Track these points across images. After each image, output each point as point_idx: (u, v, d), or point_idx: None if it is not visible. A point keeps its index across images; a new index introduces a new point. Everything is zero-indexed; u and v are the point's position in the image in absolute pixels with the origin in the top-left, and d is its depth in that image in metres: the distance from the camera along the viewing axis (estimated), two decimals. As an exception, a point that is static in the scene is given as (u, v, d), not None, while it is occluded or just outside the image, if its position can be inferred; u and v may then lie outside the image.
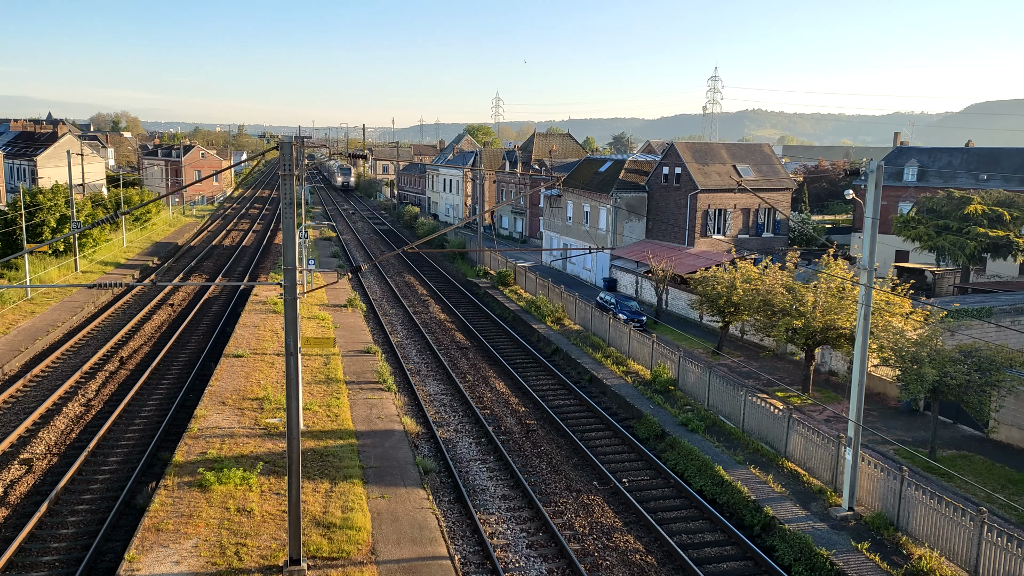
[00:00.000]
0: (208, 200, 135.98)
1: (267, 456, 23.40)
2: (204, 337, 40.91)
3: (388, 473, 22.77)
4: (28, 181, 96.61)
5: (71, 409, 29.26)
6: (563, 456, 26.10)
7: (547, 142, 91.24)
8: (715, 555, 19.90)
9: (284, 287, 16.42)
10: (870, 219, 20.36)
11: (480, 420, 28.70)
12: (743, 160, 59.77)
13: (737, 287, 35.59)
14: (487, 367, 36.43)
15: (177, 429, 27.32)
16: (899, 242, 59.93)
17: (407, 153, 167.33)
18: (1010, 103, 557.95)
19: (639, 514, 21.60)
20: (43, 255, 56.12)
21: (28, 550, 19.21)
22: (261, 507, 20.13)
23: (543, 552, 19.70)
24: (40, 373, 33.39)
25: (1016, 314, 40.21)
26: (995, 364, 25.49)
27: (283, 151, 15.88)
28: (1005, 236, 50.84)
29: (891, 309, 30.51)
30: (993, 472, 25.43)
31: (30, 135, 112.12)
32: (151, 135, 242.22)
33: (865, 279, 20.71)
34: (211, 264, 66.11)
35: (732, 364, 36.87)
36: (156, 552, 17.75)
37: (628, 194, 59.69)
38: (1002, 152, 67.29)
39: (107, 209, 74.13)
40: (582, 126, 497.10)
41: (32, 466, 24.16)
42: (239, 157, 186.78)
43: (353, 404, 28.68)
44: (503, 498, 22.77)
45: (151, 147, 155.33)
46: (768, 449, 25.35)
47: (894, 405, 31.99)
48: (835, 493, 22.15)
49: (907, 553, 19.07)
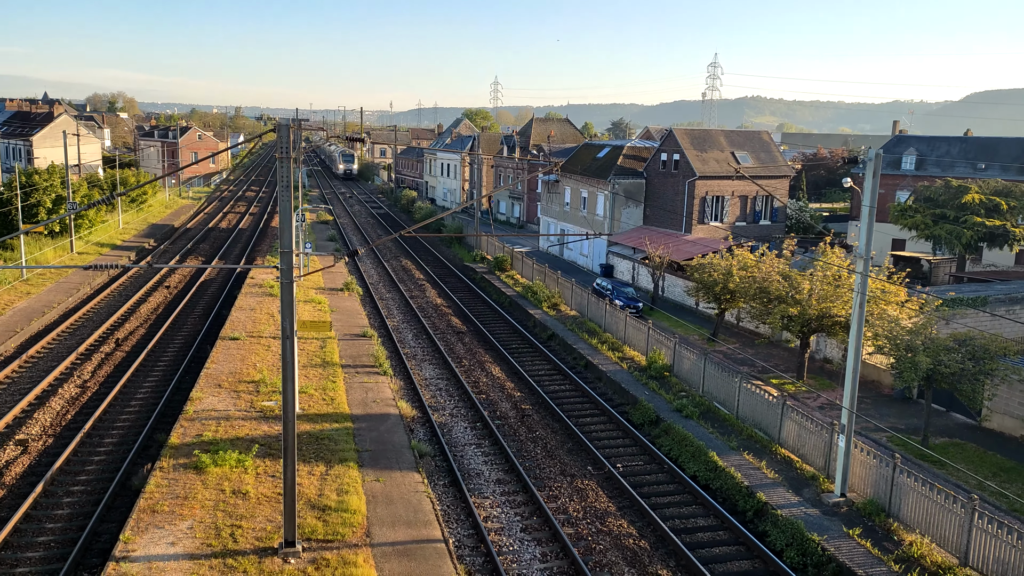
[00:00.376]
0: (205, 182, 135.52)
1: (263, 439, 23.45)
2: (200, 319, 40.88)
3: (383, 457, 22.85)
4: (24, 161, 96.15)
5: (67, 390, 29.27)
6: (558, 441, 26.20)
7: (545, 127, 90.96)
8: (708, 540, 20.04)
9: (280, 270, 16.40)
10: (867, 207, 20.37)
11: (476, 405, 28.78)
12: (741, 147, 59.66)
13: (733, 274, 35.64)
14: (483, 352, 36.48)
15: (173, 411, 27.36)
16: (896, 230, 59.98)
17: (405, 137, 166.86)
18: (1010, 92, 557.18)
19: (633, 499, 21.72)
20: (39, 236, 55.95)
21: (23, 531, 19.26)
22: (256, 489, 20.20)
23: (537, 536, 19.82)
24: (36, 354, 33.37)
25: (1011, 303, 40.33)
26: (989, 353, 25.61)
27: (280, 134, 15.81)
28: (1002, 225, 50.92)
29: (887, 297, 30.61)
30: (985, 460, 25.60)
31: (26, 115, 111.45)
32: (148, 116, 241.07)
33: (861, 267, 20.75)
34: (207, 246, 65.97)
35: (727, 351, 36.96)
36: (151, 533, 17.82)
37: (626, 180, 59.60)
38: (1000, 141, 67.25)
39: (103, 190, 73.82)
40: (581, 111, 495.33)
41: (28, 447, 24.20)
42: (236, 139, 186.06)
43: (349, 388, 28.73)
44: (498, 482, 22.88)
45: (148, 128, 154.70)
46: (762, 435, 25.47)
47: (888, 393, 32.13)
48: (828, 479, 22.28)
49: (898, 539, 19.22)
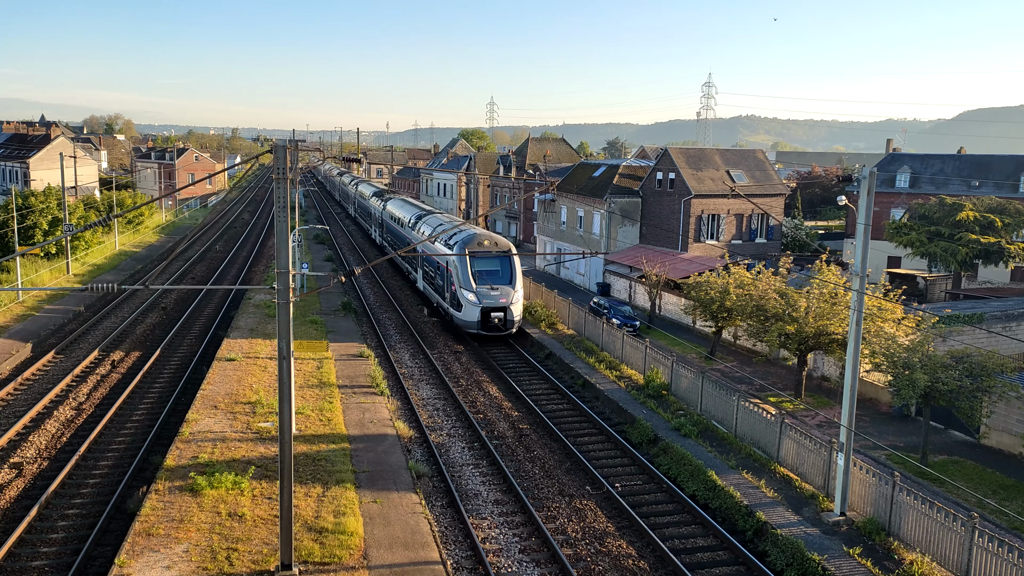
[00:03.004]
0: (202, 203, 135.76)
1: (259, 460, 23.31)
2: (196, 340, 40.77)
3: (381, 477, 22.72)
4: (20, 183, 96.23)
5: (62, 413, 29.11)
6: (556, 461, 26.08)
7: (541, 147, 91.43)
8: (707, 560, 19.91)
9: (277, 290, 16.39)
10: (862, 225, 20.44)
11: (473, 424, 28.66)
12: (737, 166, 59.97)
13: (730, 292, 35.68)
14: (480, 371, 36.38)
15: (169, 433, 27.20)
16: (891, 248, 60.18)
17: (401, 157, 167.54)
18: (1002, 110, 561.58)
19: (632, 519, 21.60)
20: (35, 258, 55.91)
21: (18, 555, 19.09)
22: (253, 512, 20.05)
23: (535, 557, 19.68)
24: (31, 376, 33.22)
25: (1007, 320, 40.43)
26: (986, 370, 25.62)
27: (277, 154, 15.87)
28: (996, 242, 51.13)
29: (883, 315, 30.65)
30: (984, 477, 25.53)
31: (23, 137, 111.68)
32: (145, 138, 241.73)
33: (857, 285, 20.79)
34: (204, 267, 65.92)
35: (725, 369, 36.92)
36: (147, 557, 17.66)
37: (622, 199, 59.80)
38: (993, 159, 67.72)
39: (99, 212, 73.92)
40: (577, 131, 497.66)
41: (22, 470, 24.02)
42: (233, 160, 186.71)
43: (346, 408, 28.61)
44: (496, 503, 22.74)
45: (144, 150, 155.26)
46: (760, 454, 25.38)
47: (886, 410, 32.08)
48: (827, 498, 22.19)
49: (899, 558, 19.11)
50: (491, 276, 39.97)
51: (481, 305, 38.79)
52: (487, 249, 40.62)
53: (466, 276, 39.41)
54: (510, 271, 40.35)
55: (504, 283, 39.71)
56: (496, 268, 40.42)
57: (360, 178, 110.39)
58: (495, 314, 38.77)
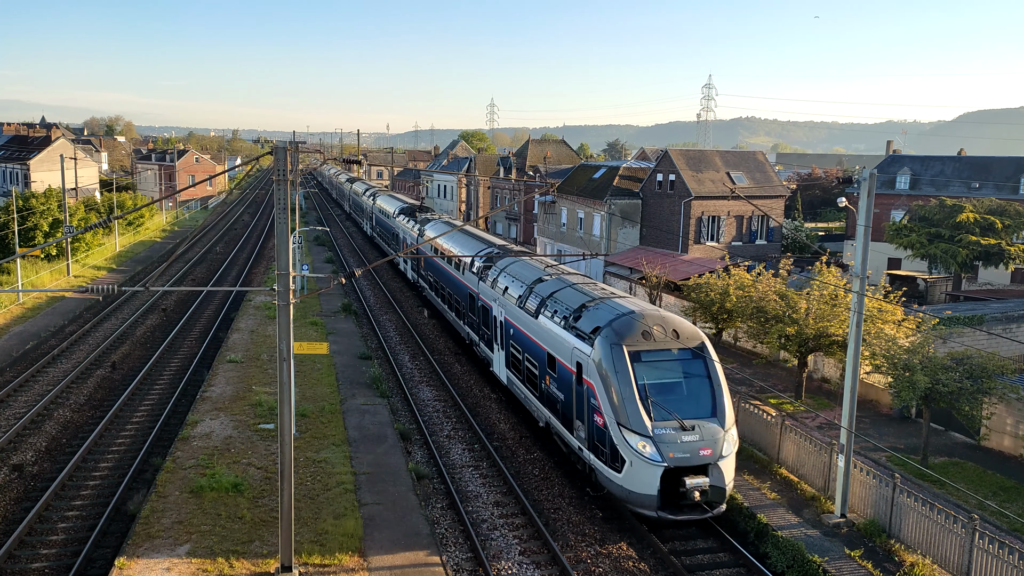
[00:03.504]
0: (202, 205, 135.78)
1: (259, 462, 23.31)
2: (197, 342, 40.76)
3: (380, 479, 22.71)
4: (21, 185, 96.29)
5: (62, 414, 29.10)
6: (555, 462, 26.05)
7: (541, 148, 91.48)
8: (708, 562, 19.89)
9: (277, 292, 16.38)
10: (863, 227, 20.44)
11: (473, 426, 28.65)
12: (737, 167, 60.00)
13: (730, 294, 35.65)
14: (480, 373, 36.36)
15: (169, 434, 27.20)
16: (891, 250, 60.19)
17: (402, 159, 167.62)
18: (1002, 112, 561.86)
19: (632, 521, 21.57)
20: (35, 259, 55.94)
21: (18, 556, 19.08)
22: (253, 513, 20.04)
23: (536, 559, 19.66)
24: (31, 377, 33.21)
25: (1007, 322, 40.44)
26: (987, 372, 25.59)
27: (277, 156, 15.87)
28: (997, 244, 51.13)
29: (883, 316, 30.63)
30: (984, 479, 25.51)
31: (23, 139, 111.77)
32: (145, 139, 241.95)
33: (858, 286, 20.78)
34: (205, 269, 65.92)
35: (725, 370, 36.86)
36: (147, 559, 17.65)
37: (622, 201, 59.82)
38: (993, 160, 67.76)
39: (100, 213, 73.95)
40: (577, 132, 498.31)
41: (23, 471, 24.01)
42: (233, 161, 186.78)
43: (346, 410, 28.61)
44: (496, 504, 22.73)
45: (145, 151, 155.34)
46: (761, 455, 25.36)
47: (886, 412, 32.07)
48: (828, 500, 22.17)
49: (899, 560, 19.09)
50: (675, 398, 20.79)
51: (664, 464, 19.58)
52: (660, 344, 21.41)
53: (630, 399, 20.10)
54: (710, 388, 21.38)
55: (704, 413, 20.68)
56: (679, 379, 21.32)
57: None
58: (692, 481, 19.64)
